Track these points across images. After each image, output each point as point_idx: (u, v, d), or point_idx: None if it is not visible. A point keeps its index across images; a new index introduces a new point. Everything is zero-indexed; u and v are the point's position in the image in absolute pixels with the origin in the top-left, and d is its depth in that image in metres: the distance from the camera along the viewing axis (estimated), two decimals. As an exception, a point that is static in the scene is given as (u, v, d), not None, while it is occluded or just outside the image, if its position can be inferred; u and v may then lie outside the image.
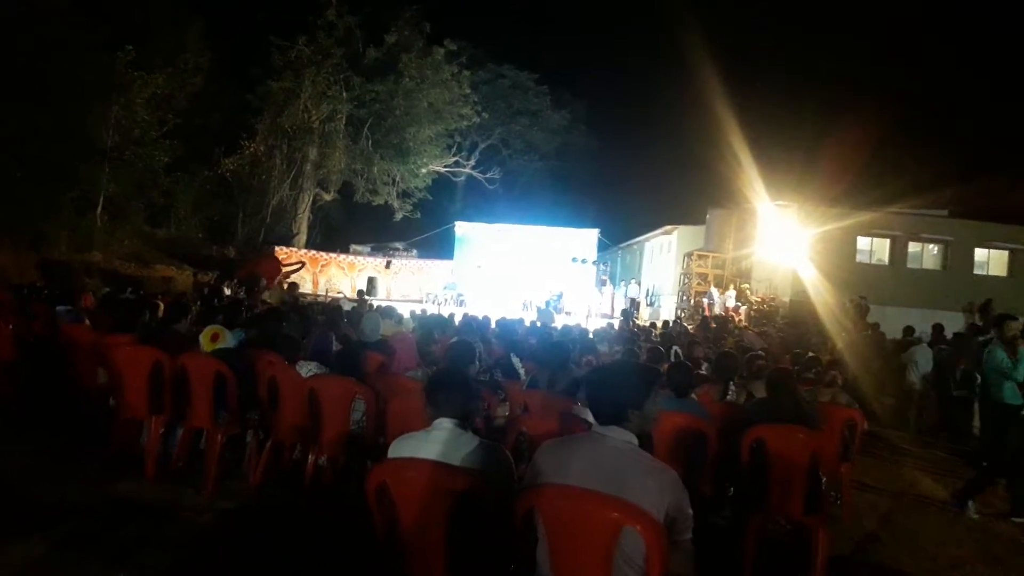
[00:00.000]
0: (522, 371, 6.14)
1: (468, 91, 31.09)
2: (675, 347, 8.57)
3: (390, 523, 2.54)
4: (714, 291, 22.43)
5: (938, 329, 11.83)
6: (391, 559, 2.60)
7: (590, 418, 2.45)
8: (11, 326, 6.54)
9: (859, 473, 6.24)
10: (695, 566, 2.27)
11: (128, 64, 22.68)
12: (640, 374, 2.54)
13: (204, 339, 5.29)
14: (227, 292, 16.78)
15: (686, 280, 25.45)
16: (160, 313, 7.87)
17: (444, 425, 2.60)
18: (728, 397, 5.60)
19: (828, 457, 4.17)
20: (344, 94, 28.81)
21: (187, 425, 5.15)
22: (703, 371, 6.48)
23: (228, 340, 5.29)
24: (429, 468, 2.47)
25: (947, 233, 24.26)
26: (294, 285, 17.82)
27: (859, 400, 8.84)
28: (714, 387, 5.62)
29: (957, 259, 24.04)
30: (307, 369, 5.02)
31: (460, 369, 2.86)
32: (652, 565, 2.11)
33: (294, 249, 26.96)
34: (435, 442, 2.56)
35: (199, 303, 13.30)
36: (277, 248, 25.75)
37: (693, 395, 4.84)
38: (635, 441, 2.32)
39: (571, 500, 2.22)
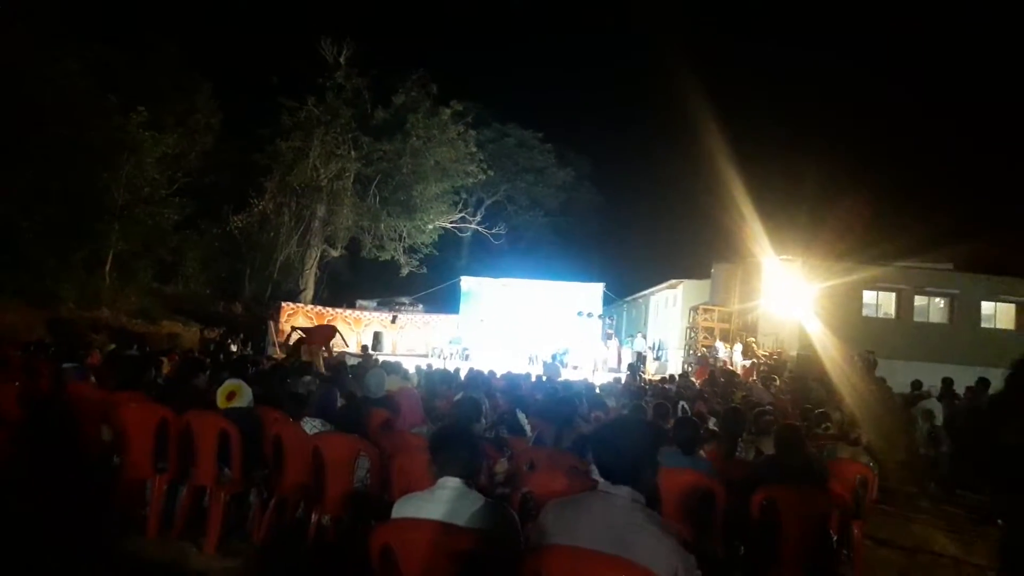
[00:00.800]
0: (528, 427, 6.10)
1: (474, 149, 31.55)
2: (682, 402, 8.50)
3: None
4: (720, 345, 22.36)
5: (947, 383, 11.73)
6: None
7: (597, 476, 2.43)
8: (16, 383, 6.54)
9: (872, 530, 6.12)
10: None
11: (140, 125, 23.15)
12: (649, 433, 2.53)
13: (220, 396, 5.24)
14: (233, 348, 16.81)
15: (692, 334, 25.39)
16: (165, 370, 7.88)
17: (449, 484, 2.58)
18: (736, 454, 5.54)
19: (840, 514, 4.10)
20: (352, 153, 29.28)
21: (191, 483, 5.11)
22: (710, 426, 6.42)
23: (244, 398, 5.22)
24: (433, 529, 2.45)
25: (953, 286, 24.21)
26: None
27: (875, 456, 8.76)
28: (722, 444, 5.57)
29: (964, 312, 23.93)
30: (311, 426, 5.00)
31: (466, 427, 2.84)
32: (660, 627, 2.08)
33: (300, 305, 27.03)
34: (440, 501, 2.54)
35: (206, 359, 13.34)
36: (284, 304, 25.83)
37: (701, 452, 4.79)
38: (643, 500, 2.31)
39: (579, 561, 2.20)
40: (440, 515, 2.48)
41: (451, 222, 33.23)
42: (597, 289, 27.37)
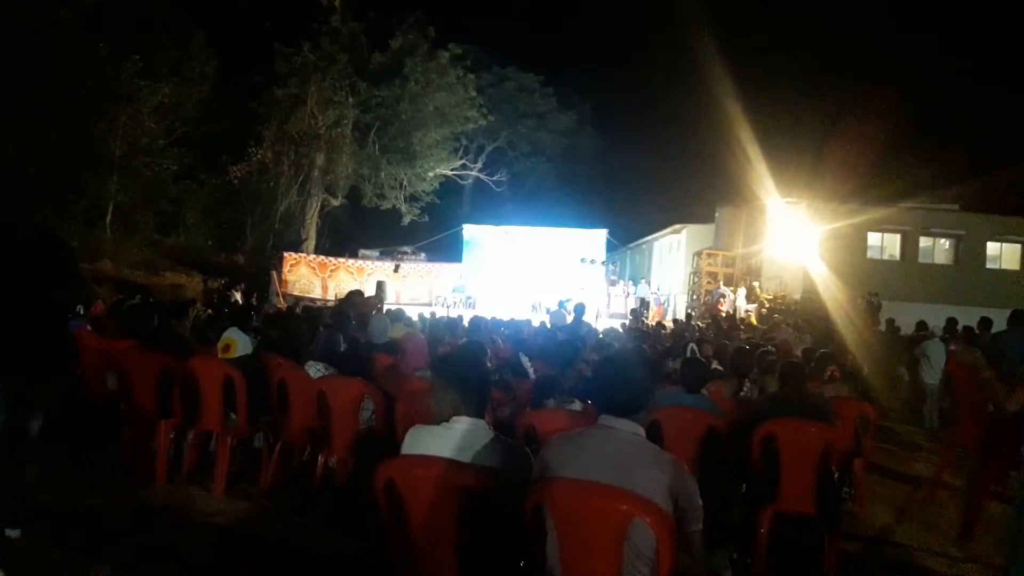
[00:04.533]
0: (531, 370, 6.12)
1: (474, 94, 31.06)
2: (691, 344, 8.50)
3: (398, 520, 2.52)
4: (725, 289, 22.33)
5: (951, 323, 11.74)
6: (399, 556, 2.58)
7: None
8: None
9: (872, 468, 6.18)
10: (705, 557, 2.25)
11: (134, 74, 22.80)
12: (648, 366, 2.52)
13: (218, 350, 5.26)
14: (237, 298, 16.84)
15: (696, 279, 25.36)
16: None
17: (462, 420, 2.55)
18: (742, 394, 5.57)
19: (840, 451, 4.13)
20: (350, 99, 28.84)
21: (197, 429, 5.16)
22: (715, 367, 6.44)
23: (240, 350, 5.22)
24: (437, 465, 2.45)
25: (959, 227, 24.04)
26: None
27: (870, 397, 8.82)
28: (727, 383, 5.59)
29: (969, 253, 23.82)
30: (315, 370, 5.01)
31: (476, 359, 2.77)
32: (662, 557, 2.09)
33: (303, 254, 27.01)
34: (453, 437, 2.52)
35: (209, 310, 13.38)
36: (286, 254, 25.82)
37: (704, 391, 4.80)
38: (643, 433, 2.31)
39: (580, 493, 2.20)
40: (450, 451, 2.46)
41: (452, 169, 32.93)
42: (600, 235, 27.25)
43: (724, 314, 19.22)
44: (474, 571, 2.44)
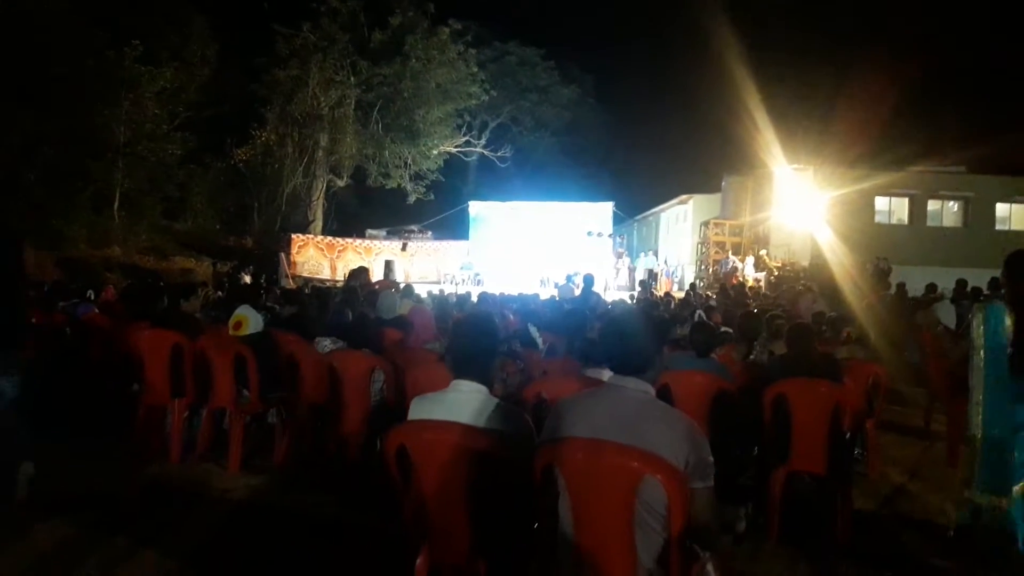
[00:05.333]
0: (540, 340, 6.13)
1: (475, 70, 30.84)
2: (698, 311, 8.50)
3: (409, 486, 2.54)
4: (733, 258, 22.24)
5: (961, 285, 11.67)
6: (413, 523, 2.61)
7: (605, 379, 2.42)
8: (34, 321, 6.61)
9: (884, 429, 6.18)
10: (717, 514, 2.26)
11: (135, 60, 22.72)
12: (655, 325, 2.52)
13: (229, 327, 5.29)
14: (246, 280, 16.90)
15: (703, 249, 25.28)
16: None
17: (463, 386, 2.57)
18: (751, 358, 5.56)
19: (852, 411, 4.12)
20: (351, 79, 28.69)
21: (210, 407, 5.20)
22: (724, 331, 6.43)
23: (252, 326, 5.25)
24: (448, 429, 2.46)
25: (967, 189, 23.84)
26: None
27: (880, 359, 8.78)
28: (737, 347, 5.58)
29: (978, 215, 23.64)
30: (322, 345, 5.04)
31: (484, 324, 2.78)
32: (674, 514, 2.09)
33: (310, 236, 27.04)
34: (454, 403, 2.54)
35: (219, 292, 13.44)
36: (294, 235, 25.85)
37: (713, 355, 4.80)
38: (652, 391, 2.30)
39: (590, 452, 2.20)
40: (453, 416, 2.48)
41: (456, 146, 32.78)
42: (607, 208, 27.15)
43: (736, 282, 19.13)
44: (487, 534, 2.47)
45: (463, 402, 2.53)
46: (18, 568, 3.41)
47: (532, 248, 25.86)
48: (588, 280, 10.94)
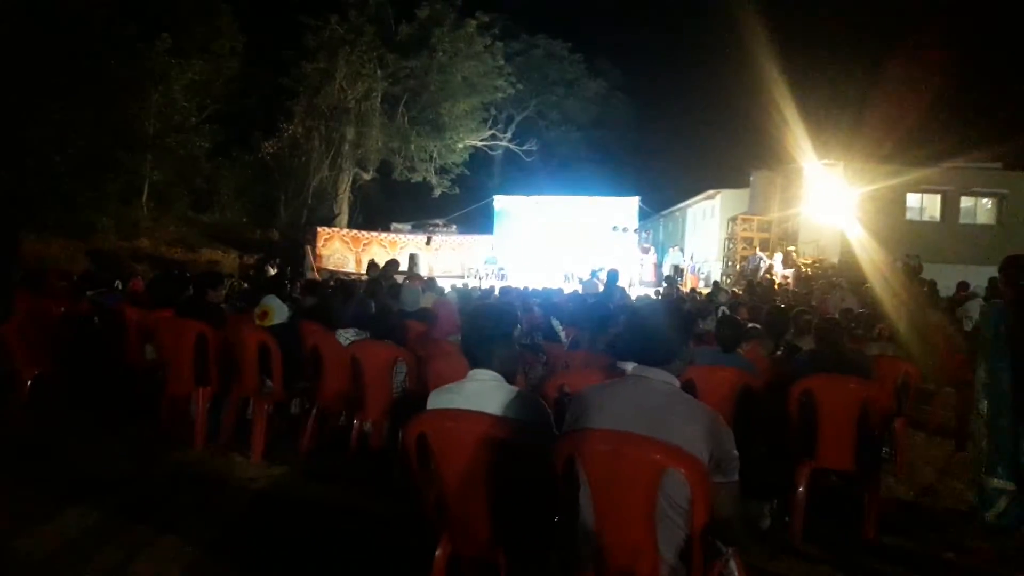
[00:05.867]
0: (562, 333, 6.10)
1: (502, 63, 30.74)
2: (722, 307, 8.41)
3: (429, 475, 2.52)
4: (762, 255, 21.97)
5: (994, 283, 11.42)
6: (434, 513, 2.59)
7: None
8: (63, 309, 6.71)
9: (914, 428, 6.08)
10: (741, 510, 2.21)
11: (164, 52, 22.97)
12: (681, 317, 2.48)
13: (255, 317, 5.34)
14: (271, 272, 17.05)
15: (731, 245, 25.01)
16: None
17: (480, 376, 2.56)
18: (778, 353, 5.49)
19: (880, 408, 4.04)
20: (378, 72, 28.76)
21: (234, 396, 5.24)
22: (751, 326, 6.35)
23: (277, 316, 5.29)
24: (467, 418, 2.44)
25: (1002, 186, 23.32)
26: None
27: (912, 357, 8.63)
28: (763, 343, 5.51)
29: (1013, 213, 23.09)
30: (345, 337, 5.04)
31: (501, 313, 2.75)
32: (696, 508, 2.06)
33: (336, 229, 27.19)
34: (472, 392, 2.52)
35: (245, 283, 13.57)
36: (320, 229, 26.01)
37: (739, 351, 4.73)
38: (676, 383, 2.26)
39: (612, 444, 2.17)
40: (472, 406, 2.46)
41: (481, 140, 32.74)
42: (632, 203, 26.92)
43: (767, 279, 18.91)
44: (507, 525, 2.44)
45: (481, 391, 2.51)
46: (45, 550, 3.46)
47: (557, 243, 25.74)
48: (612, 276, 10.87)
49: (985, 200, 23.82)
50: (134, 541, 3.60)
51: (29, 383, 5.46)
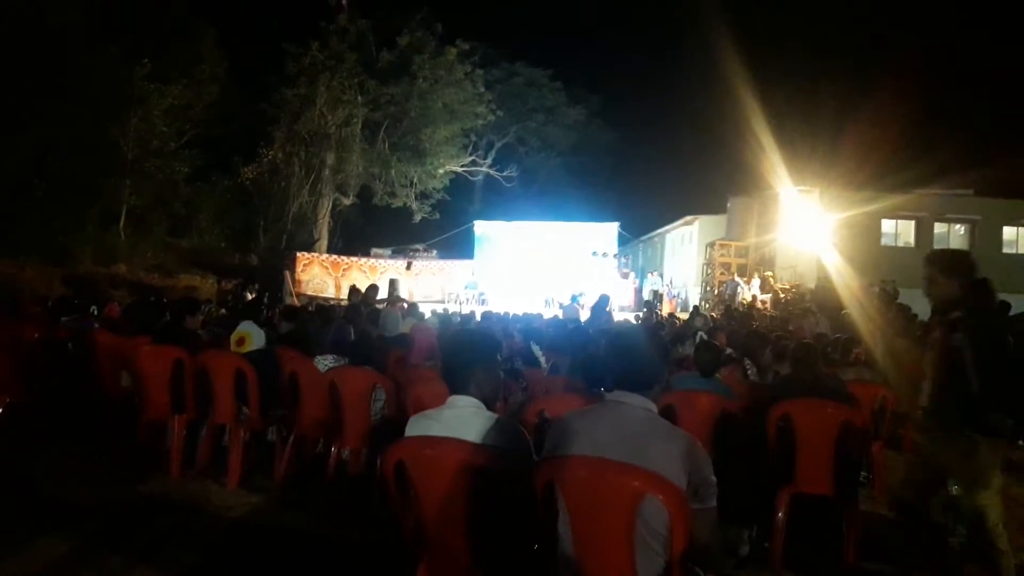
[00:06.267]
0: (542, 359, 6.10)
1: (482, 90, 30.96)
2: (700, 332, 8.46)
3: (408, 502, 2.50)
4: (739, 280, 22.15)
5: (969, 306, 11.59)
6: (413, 540, 2.57)
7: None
8: (37, 335, 6.62)
9: (892, 452, 6.11)
10: (720, 536, 2.21)
11: (145, 77, 22.92)
12: (657, 342, 2.49)
13: (232, 343, 5.29)
14: (249, 297, 16.92)
15: (709, 270, 25.21)
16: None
17: (459, 403, 2.54)
18: (749, 374, 5.53)
19: (857, 432, 4.06)
20: (359, 98, 28.84)
21: (210, 423, 5.17)
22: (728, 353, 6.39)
23: (253, 343, 5.25)
24: (447, 445, 2.43)
25: (974, 212, 23.81)
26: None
27: (888, 382, 8.72)
28: (737, 366, 5.54)
29: (985, 238, 23.55)
30: (324, 364, 5.01)
31: (479, 341, 2.74)
32: (675, 534, 2.05)
33: (315, 254, 27.08)
34: (450, 419, 2.51)
35: (223, 310, 13.45)
36: (299, 254, 25.89)
37: (718, 376, 4.76)
38: (655, 408, 2.27)
39: (591, 470, 2.17)
40: (450, 433, 2.45)
41: (462, 166, 32.86)
42: (612, 228, 27.14)
43: (744, 305, 19.06)
44: (486, 552, 2.42)
45: (460, 418, 2.50)
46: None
47: (537, 268, 25.84)
48: (603, 300, 10.88)
49: (958, 226, 24.27)
50: (109, 569, 3.54)
51: (1, 410, 5.36)
